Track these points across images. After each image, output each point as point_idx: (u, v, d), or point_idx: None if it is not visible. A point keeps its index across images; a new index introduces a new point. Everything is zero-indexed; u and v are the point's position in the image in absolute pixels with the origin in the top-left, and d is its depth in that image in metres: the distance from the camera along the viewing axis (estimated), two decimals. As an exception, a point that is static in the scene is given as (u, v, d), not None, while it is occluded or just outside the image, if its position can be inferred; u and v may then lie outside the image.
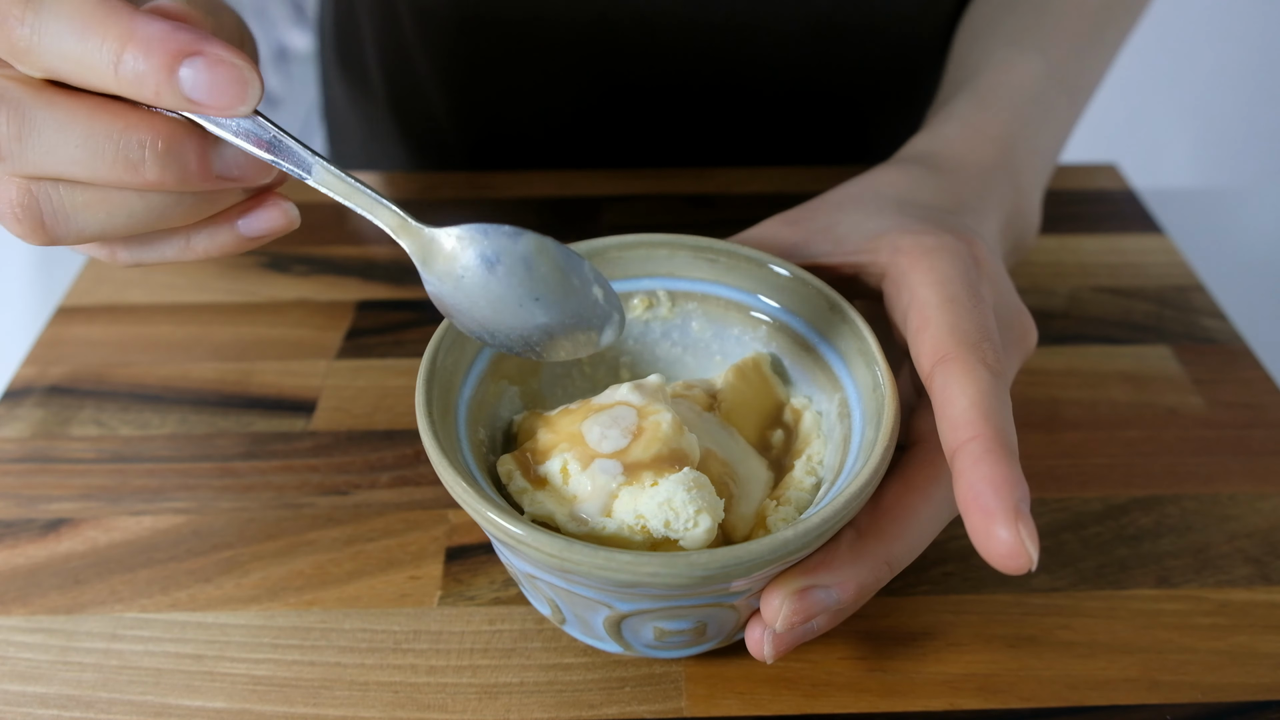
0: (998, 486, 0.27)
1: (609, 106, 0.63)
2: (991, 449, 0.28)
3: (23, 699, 0.34)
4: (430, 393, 0.32)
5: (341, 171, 0.28)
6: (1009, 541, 0.26)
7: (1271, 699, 0.35)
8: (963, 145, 0.43)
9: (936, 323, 0.31)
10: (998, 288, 0.35)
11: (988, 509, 0.27)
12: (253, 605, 0.38)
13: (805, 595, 0.30)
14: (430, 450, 0.30)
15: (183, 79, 0.25)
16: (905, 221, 0.36)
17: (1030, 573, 0.27)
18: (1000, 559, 0.27)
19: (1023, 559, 0.26)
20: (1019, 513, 0.27)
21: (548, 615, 0.34)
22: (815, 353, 0.36)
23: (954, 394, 0.29)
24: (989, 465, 0.27)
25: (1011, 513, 0.27)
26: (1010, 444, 0.28)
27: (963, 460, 0.28)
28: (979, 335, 0.31)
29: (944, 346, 0.30)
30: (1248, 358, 0.49)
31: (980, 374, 0.29)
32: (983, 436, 0.28)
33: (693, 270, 0.38)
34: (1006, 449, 0.28)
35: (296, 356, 0.49)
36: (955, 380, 0.29)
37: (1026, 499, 0.27)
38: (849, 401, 0.34)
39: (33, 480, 0.43)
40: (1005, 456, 0.28)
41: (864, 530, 0.32)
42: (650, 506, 0.30)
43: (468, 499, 0.29)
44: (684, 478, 0.31)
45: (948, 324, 0.31)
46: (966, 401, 0.29)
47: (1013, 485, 0.27)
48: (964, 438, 0.28)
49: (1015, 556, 0.26)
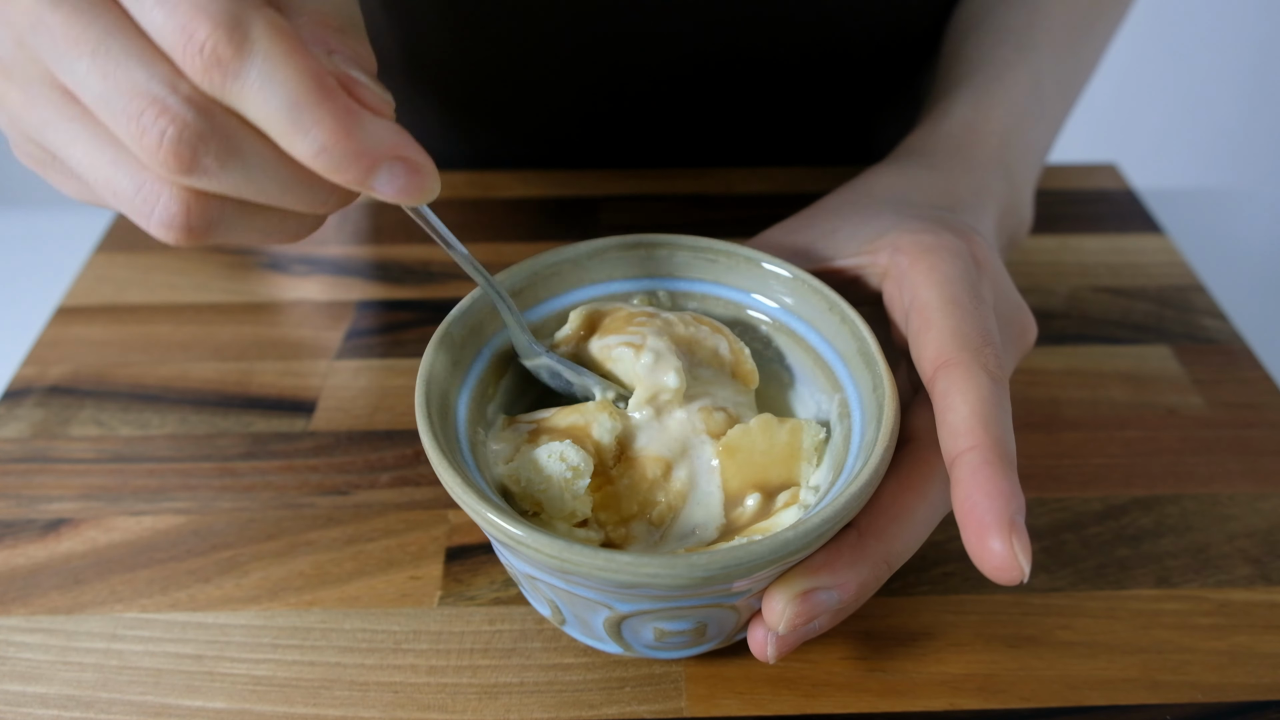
0: (993, 498, 0.27)
1: (608, 108, 0.63)
2: (989, 459, 0.28)
3: (23, 699, 0.34)
4: (430, 393, 0.32)
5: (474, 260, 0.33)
6: (1003, 554, 0.27)
7: (1271, 699, 0.35)
8: (959, 142, 0.43)
9: (939, 326, 0.31)
10: (998, 285, 0.35)
11: (983, 521, 0.27)
12: (253, 605, 0.38)
13: (808, 598, 0.30)
14: (430, 451, 0.30)
15: (379, 178, 0.26)
16: (904, 221, 0.36)
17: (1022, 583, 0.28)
18: (993, 570, 0.27)
19: (1015, 571, 0.27)
20: (1014, 525, 0.27)
21: (548, 616, 0.34)
22: (815, 353, 0.36)
23: (955, 400, 0.30)
24: (986, 477, 0.28)
25: (1006, 525, 0.27)
26: (1008, 454, 0.29)
27: (961, 470, 0.28)
28: (980, 339, 0.31)
29: (946, 350, 0.31)
30: (1248, 358, 0.49)
31: (981, 380, 0.30)
32: (981, 446, 0.28)
33: (692, 270, 0.38)
34: (1004, 460, 0.28)
35: (296, 356, 0.49)
36: (956, 386, 0.30)
37: (1022, 511, 0.28)
38: (849, 402, 0.34)
39: (33, 480, 0.43)
40: (1002, 468, 0.28)
41: (863, 530, 0.32)
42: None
43: (467, 499, 0.29)
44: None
45: (950, 327, 0.31)
46: (967, 409, 0.29)
47: (1009, 497, 0.27)
48: (963, 446, 0.29)
49: (1008, 569, 0.27)
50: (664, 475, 0.34)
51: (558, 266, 0.37)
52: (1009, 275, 0.37)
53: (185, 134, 0.24)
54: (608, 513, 0.33)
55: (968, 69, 0.47)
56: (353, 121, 0.25)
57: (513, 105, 0.63)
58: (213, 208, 0.26)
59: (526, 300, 0.37)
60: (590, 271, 0.38)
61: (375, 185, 0.26)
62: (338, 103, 0.25)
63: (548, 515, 0.33)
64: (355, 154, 0.25)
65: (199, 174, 0.25)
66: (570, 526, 0.33)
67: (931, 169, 0.41)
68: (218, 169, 0.25)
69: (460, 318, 0.34)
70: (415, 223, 0.31)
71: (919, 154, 0.42)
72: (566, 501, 0.32)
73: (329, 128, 0.24)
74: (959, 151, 0.42)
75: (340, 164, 0.25)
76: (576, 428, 0.34)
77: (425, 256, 0.56)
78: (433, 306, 0.52)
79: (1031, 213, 0.45)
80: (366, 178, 0.25)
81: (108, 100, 0.24)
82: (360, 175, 0.25)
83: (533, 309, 0.37)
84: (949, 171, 0.41)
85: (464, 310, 0.35)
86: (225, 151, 0.25)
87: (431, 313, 0.52)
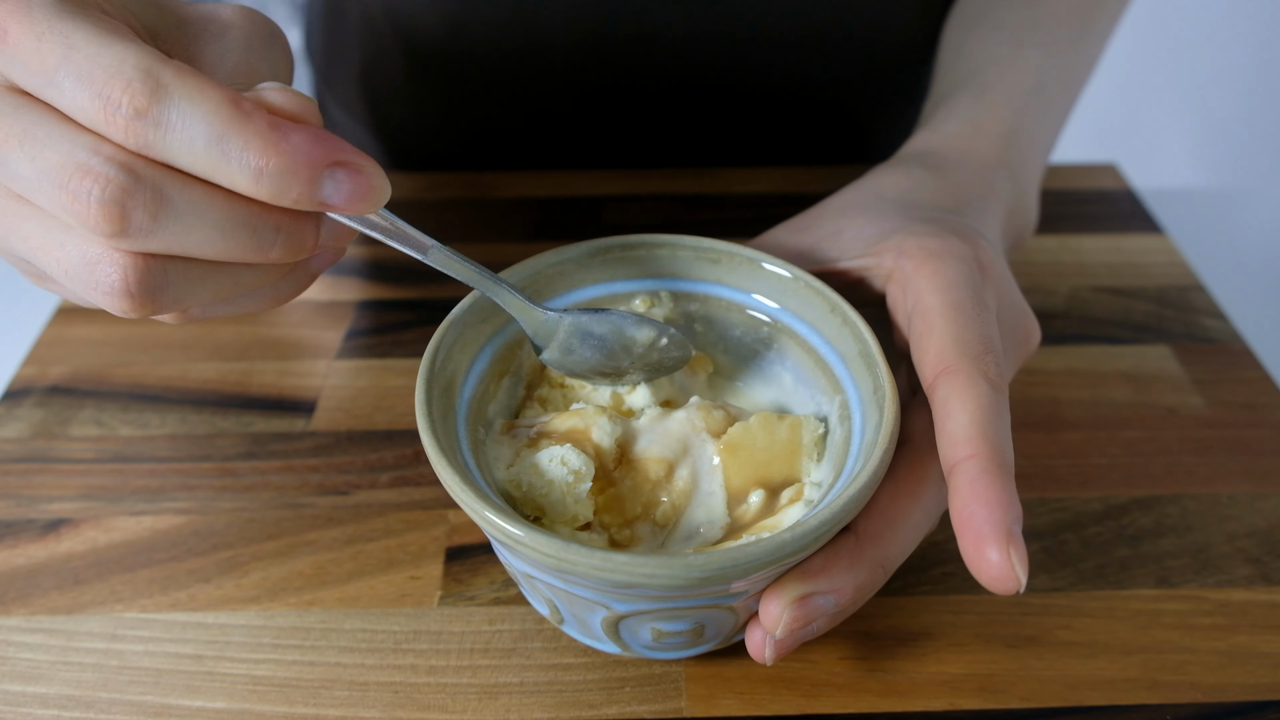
0: (991, 508, 0.28)
1: (608, 112, 0.63)
2: (988, 469, 0.28)
3: (23, 699, 0.34)
4: (430, 393, 0.32)
5: (457, 254, 0.31)
6: (999, 564, 0.27)
7: (1271, 699, 0.35)
8: (964, 143, 0.43)
9: (940, 331, 0.31)
10: (1001, 290, 0.35)
11: (981, 531, 0.27)
12: (253, 605, 0.38)
13: (804, 603, 0.30)
14: (430, 450, 0.30)
15: (324, 188, 0.25)
16: (909, 224, 0.36)
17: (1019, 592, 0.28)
18: (990, 580, 0.27)
19: (1012, 581, 0.27)
20: (1011, 535, 0.27)
21: (546, 615, 0.34)
22: (816, 354, 0.36)
23: (955, 408, 0.30)
24: (984, 486, 0.28)
25: (1004, 536, 0.27)
26: (1006, 463, 0.29)
27: (959, 478, 0.29)
28: (982, 347, 0.31)
29: (947, 357, 0.31)
30: (1248, 358, 0.49)
31: (981, 389, 0.30)
32: (980, 455, 0.28)
33: (694, 271, 0.38)
34: (1002, 469, 0.28)
35: (296, 356, 0.49)
36: (956, 394, 0.30)
37: (1019, 520, 0.28)
38: (849, 404, 0.34)
39: (33, 480, 0.43)
40: (1000, 477, 0.28)
41: (861, 534, 0.32)
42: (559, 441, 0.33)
43: (466, 499, 0.29)
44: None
45: (951, 334, 0.31)
46: (967, 418, 0.29)
47: (1006, 507, 0.28)
48: (962, 455, 0.29)
49: (1005, 579, 0.27)
50: (667, 476, 0.34)
51: (560, 266, 0.37)
52: (1014, 279, 0.37)
53: (110, 190, 0.24)
54: (611, 515, 0.33)
55: (969, 68, 0.47)
56: (279, 135, 0.25)
57: (513, 105, 0.63)
58: (155, 269, 0.26)
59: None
60: (593, 272, 0.38)
61: (323, 196, 0.25)
62: (260, 121, 0.24)
63: (549, 520, 0.33)
64: (292, 168, 0.25)
65: (133, 231, 0.25)
66: (573, 530, 0.33)
67: (937, 170, 0.41)
68: (150, 223, 0.25)
69: (461, 317, 0.34)
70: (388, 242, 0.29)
71: (924, 155, 0.42)
72: (569, 505, 0.32)
73: (257, 147, 0.24)
74: (964, 152, 0.42)
75: (281, 183, 0.25)
76: (576, 431, 0.34)
77: (425, 256, 0.56)
78: (432, 306, 0.52)
79: (1037, 211, 0.45)
80: (311, 190, 0.25)
81: (40, 181, 0.25)
82: (305, 189, 0.25)
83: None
84: (954, 173, 0.41)
85: (465, 309, 0.35)
86: (155, 202, 0.25)
87: (431, 313, 0.52)
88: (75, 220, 0.25)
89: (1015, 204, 0.42)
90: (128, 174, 0.24)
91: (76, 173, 0.24)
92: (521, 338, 0.36)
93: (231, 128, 0.24)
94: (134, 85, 0.24)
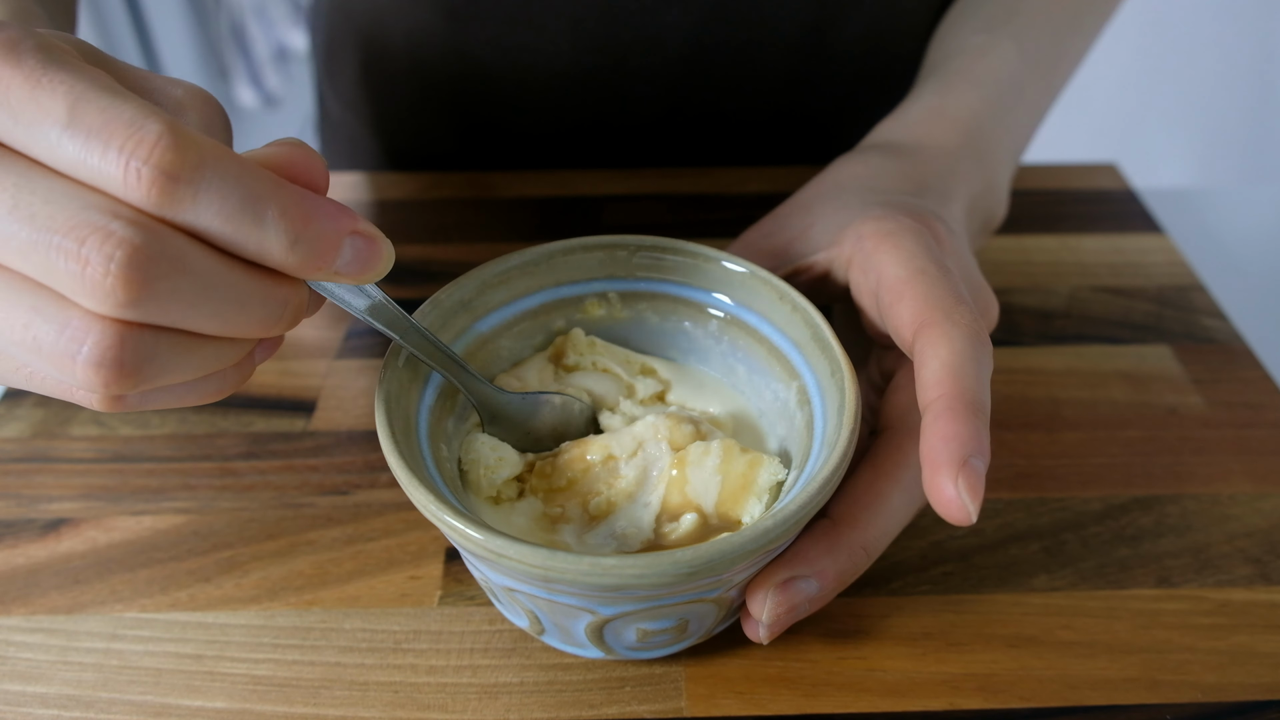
0: (948, 440, 0.28)
1: (609, 112, 0.63)
2: (953, 405, 0.28)
3: (23, 699, 0.34)
4: (391, 417, 0.31)
5: (435, 338, 0.33)
6: (949, 494, 0.28)
7: (1271, 699, 0.34)
8: (925, 129, 0.43)
9: (909, 295, 0.32)
10: (960, 263, 0.36)
11: (936, 461, 0.28)
12: (253, 605, 0.38)
13: (787, 587, 0.31)
14: (399, 474, 0.29)
15: (341, 258, 0.25)
16: (867, 209, 0.36)
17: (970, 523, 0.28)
18: (941, 507, 0.28)
19: (961, 511, 0.28)
20: (965, 466, 0.28)
21: (525, 627, 0.34)
22: (769, 343, 0.37)
23: (928, 356, 0.30)
24: (946, 420, 0.28)
25: (955, 465, 0.28)
26: (975, 401, 0.29)
27: (926, 417, 0.29)
28: (953, 300, 0.31)
29: (921, 314, 0.31)
30: (1248, 358, 0.49)
31: (953, 335, 0.30)
32: (947, 395, 0.29)
33: (640, 270, 0.38)
34: (969, 407, 0.28)
35: (296, 356, 0.49)
36: (930, 344, 0.30)
37: (981, 456, 0.28)
38: (807, 389, 0.35)
39: (33, 480, 0.43)
40: (964, 413, 0.28)
41: (838, 518, 0.32)
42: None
43: (446, 518, 0.28)
44: None
45: (920, 294, 0.32)
46: (938, 363, 0.30)
47: (965, 440, 0.28)
48: (931, 397, 0.29)
49: (955, 509, 0.28)
50: (604, 464, 0.34)
51: (505, 275, 0.37)
52: (972, 257, 0.38)
53: (137, 257, 0.22)
54: (539, 480, 0.35)
55: (941, 57, 0.48)
56: (312, 204, 0.24)
57: (514, 105, 0.63)
58: (147, 340, 0.24)
59: (478, 310, 0.37)
60: (537, 278, 0.38)
61: (340, 266, 0.25)
62: (291, 188, 0.24)
63: (472, 485, 0.34)
64: (324, 236, 0.24)
65: (148, 298, 0.23)
66: (494, 505, 0.34)
67: (896, 156, 0.41)
68: (169, 291, 0.23)
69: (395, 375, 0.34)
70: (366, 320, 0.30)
71: (885, 143, 0.43)
72: (483, 488, 0.34)
73: (295, 215, 0.23)
74: (923, 138, 0.42)
75: (313, 250, 0.24)
76: None
77: (425, 256, 0.56)
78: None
79: (1007, 198, 0.45)
80: (334, 259, 0.24)
81: (38, 243, 0.22)
82: (331, 259, 0.24)
83: (485, 317, 0.37)
84: (913, 157, 0.41)
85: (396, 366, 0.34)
86: (176, 270, 0.23)
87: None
88: (79, 286, 0.22)
89: (982, 187, 0.42)
90: (152, 238, 0.22)
91: (94, 234, 0.22)
92: None
93: (268, 193, 0.23)
94: (163, 143, 0.22)
